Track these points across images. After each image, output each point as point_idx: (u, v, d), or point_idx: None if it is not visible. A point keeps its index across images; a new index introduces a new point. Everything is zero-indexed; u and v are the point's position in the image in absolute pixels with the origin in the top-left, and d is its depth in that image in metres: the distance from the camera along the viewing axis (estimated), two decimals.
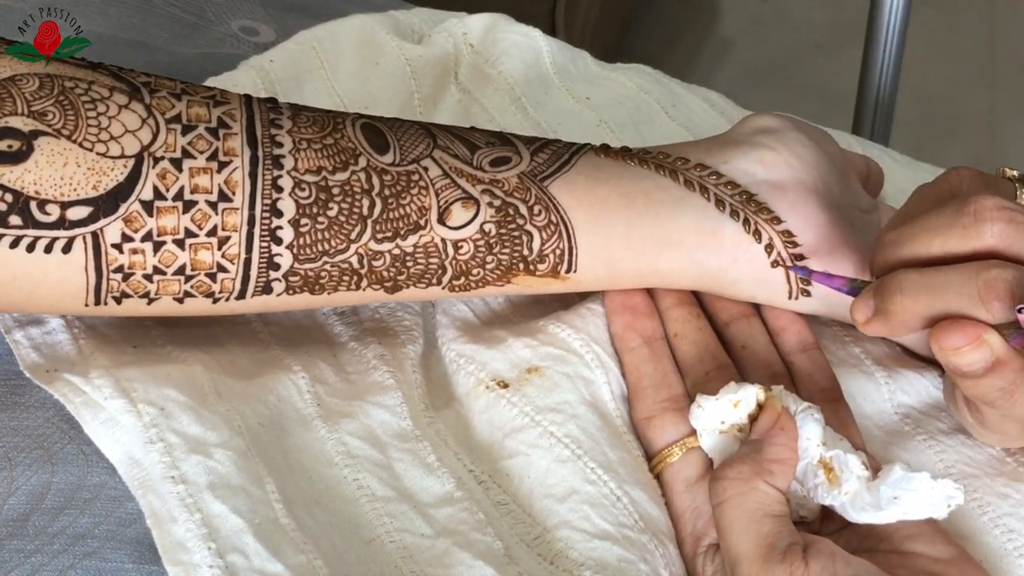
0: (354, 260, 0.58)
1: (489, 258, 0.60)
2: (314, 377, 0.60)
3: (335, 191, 0.57)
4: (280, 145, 0.57)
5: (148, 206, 0.54)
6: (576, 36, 1.46)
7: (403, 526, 0.56)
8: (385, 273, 0.59)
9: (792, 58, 2.08)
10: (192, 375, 0.58)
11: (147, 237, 0.55)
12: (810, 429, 0.54)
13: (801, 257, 0.61)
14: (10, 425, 0.57)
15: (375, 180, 0.58)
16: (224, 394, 0.58)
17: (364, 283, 0.59)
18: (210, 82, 0.75)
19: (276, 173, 0.56)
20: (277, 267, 0.57)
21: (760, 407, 0.56)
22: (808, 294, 0.62)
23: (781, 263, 0.61)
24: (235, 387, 0.59)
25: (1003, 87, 2.01)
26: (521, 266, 0.60)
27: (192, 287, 0.56)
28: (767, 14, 2.19)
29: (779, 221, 0.61)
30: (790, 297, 0.62)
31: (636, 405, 0.61)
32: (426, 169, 0.59)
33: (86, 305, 0.56)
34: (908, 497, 0.52)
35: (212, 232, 0.55)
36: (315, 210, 0.57)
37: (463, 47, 0.80)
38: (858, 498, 0.53)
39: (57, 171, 0.53)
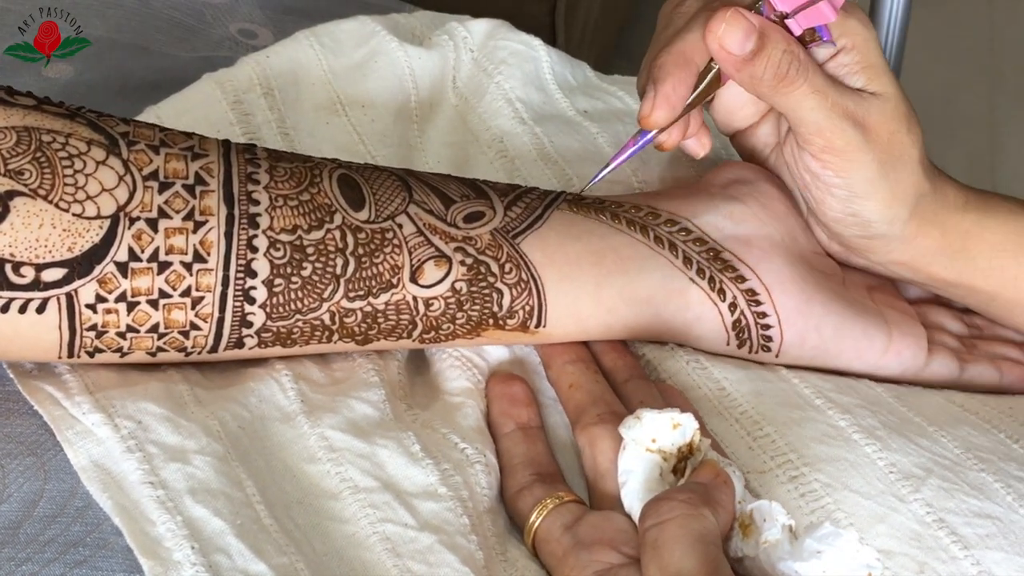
0: (326, 317, 0.58)
1: (459, 314, 0.60)
2: (298, 374, 0.61)
3: (310, 251, 0.57)
4: (257, 203, 0.57)
5: (123, 267, 0.55)
6: (576, 36, 1.46)
7: (386, 516, 0.56)
8: (356, 328, 0.59)
9: None
10: (171, 385, 0.58)
11: (121, 298, 0.55)
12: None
13: (764, 315, 0.63)
14: (3, 432, 0.57)
15: (349, 239, 0.58)
16: (203, 400, 0.58)
17: (335, 337, 0.59)
18: (208, 78, 0.75)
19: (252, 233, 0.56)
20: (250, 325, 0.57)
21: (691, 447, 0.55)
22: (768, 349, 0.64)
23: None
24: (215, 392, 0.59)
25: (1003, 87, 2.01)
26: (491, 321, 0.61)
27: (165, 343, 0.57)
28: None
29: (743, 280, 0.63)
30: (750, 351, 0.64)
31: (506, 483, 0.59)
32: (400, 226, 0.59)
33: (59, 357, 0.56)
34: (831, 554, 0.51)
35: (186, 293, 0.56)
36: (289, 270, 0.57)
37: (464, 52, 0.80)
38: (779, 547, 0.52)
39: (32, 233, 0.53)
